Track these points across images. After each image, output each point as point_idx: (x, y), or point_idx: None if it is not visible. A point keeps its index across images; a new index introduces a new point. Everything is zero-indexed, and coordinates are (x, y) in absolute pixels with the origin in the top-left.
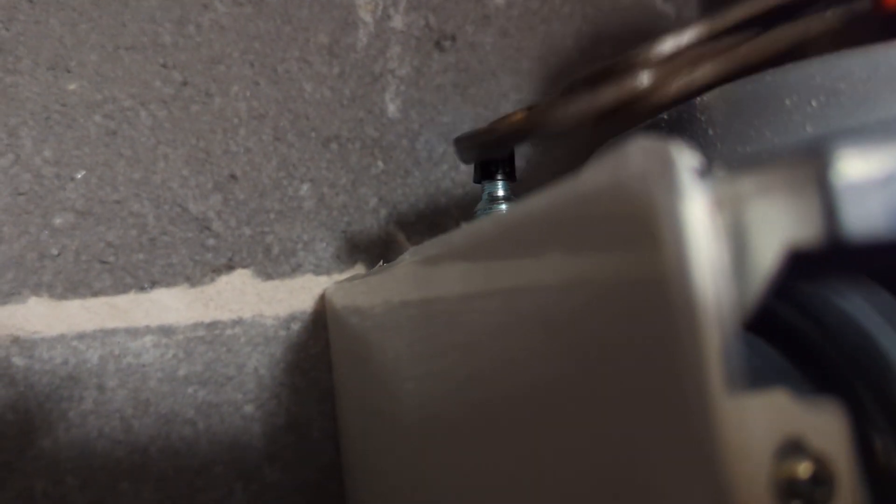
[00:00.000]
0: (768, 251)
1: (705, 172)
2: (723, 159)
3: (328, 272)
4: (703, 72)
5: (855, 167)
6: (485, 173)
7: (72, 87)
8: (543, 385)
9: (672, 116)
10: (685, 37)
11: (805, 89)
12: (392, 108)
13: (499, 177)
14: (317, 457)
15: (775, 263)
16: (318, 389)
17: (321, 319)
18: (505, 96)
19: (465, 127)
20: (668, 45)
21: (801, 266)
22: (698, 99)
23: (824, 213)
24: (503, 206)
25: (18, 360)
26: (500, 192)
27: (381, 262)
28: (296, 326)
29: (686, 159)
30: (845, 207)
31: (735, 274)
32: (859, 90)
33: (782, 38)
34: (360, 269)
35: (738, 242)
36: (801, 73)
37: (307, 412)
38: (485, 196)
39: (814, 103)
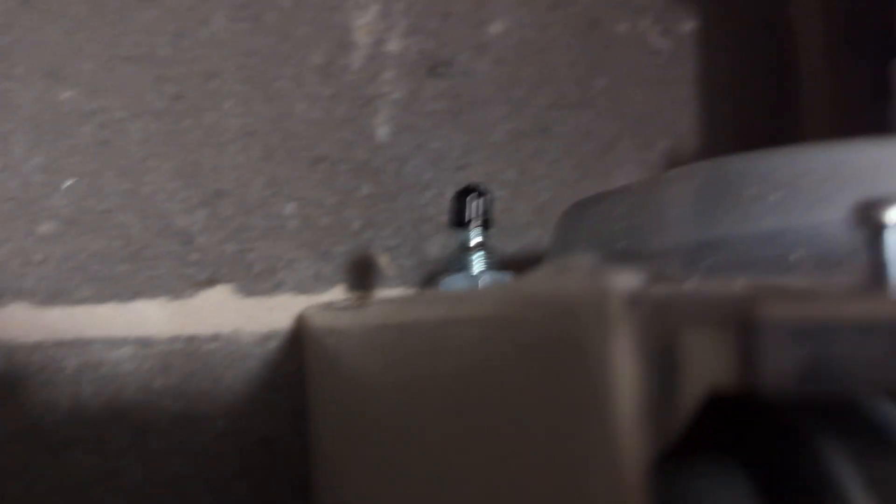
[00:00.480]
0: (693, 389)
1: (640, 297)
2: (677, 243)
3: (308, 292)
4: None
5: (780, 316)
6: (457, 219)
7: (65, 95)
8: (483, 438)
9: (640, 188)
10: None
11: (767, 181)
12: (382, 132)
13: (473, 224)
14: (287, 474)
15: (697, 403)
16: (291, 408)
17: (298, 339)
18: (496, 124)
19: (455, 154)
20: None
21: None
22: (665, 174)
23: (743, 359)
24: (476, 258)
25: None
26: (472, 242)
27: (359, 294)
28: (272, 344)
29: (621, 285)
30: (764, 356)
31: (658, 409)
32: (818, 187)
33: None
34: (340, 290)
35: (663, 377)
36: (766, 165)
37: (279, 429)
38: (458, 244)
39: (773, 196)
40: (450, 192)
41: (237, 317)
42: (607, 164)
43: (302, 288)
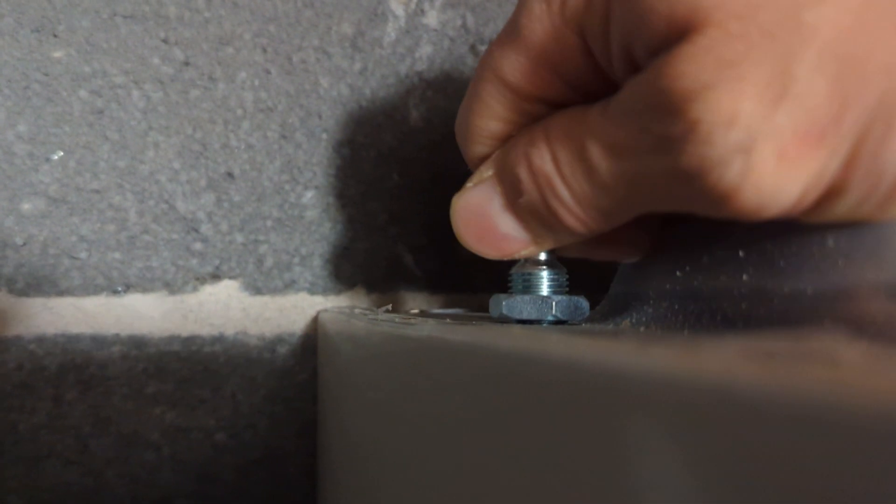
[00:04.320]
0: None
1: None
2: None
3: (324, 292)
4: None
5: None
6: None
7: (57, 54)
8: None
9: None
10: None
11: None
12: (415, 115)
13: None
14: (291, 496)
15: None
16: (299, 422)
17: (311, 344)
18: None
19: None
20: None
21: None
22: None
23: None
24: (544, 275)
25: None
26: (543, 255)
27: (388, 307)
28: (282, 349)
29: None
30: None
31: None
32: None
33: None
34: (359, 291)
35: None
36: None
37: (285, 446)
38: (521, 259)
39: None
40: None
41: (243, 317)
42: None
43: (318, 287)
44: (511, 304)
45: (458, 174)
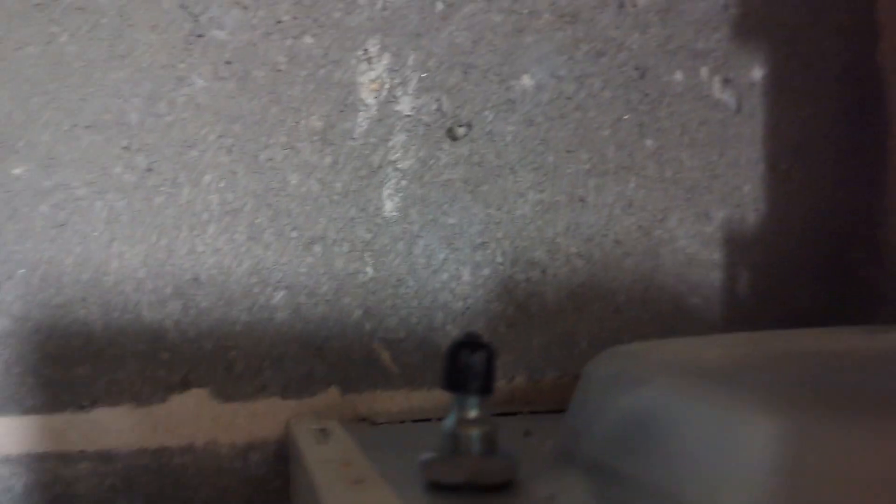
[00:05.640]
0: None
1: None
2: None
3: (298, 395)
4: None
5: None
6: (453, 382)
7: (17, 171)
8: None
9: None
10: None
11: None
12: (389, 206)
13: (471, 389)
14: None
15: None
16: None
17: (284, 450)
18: (523, 195)
19: (473, 231)
20: None
21: None
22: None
23: None
24: (475, 434)
25: None
26: (473, 413)
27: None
28: (254, 457)
29: None
30: None
31: None
32: None
33: None
34: (334, 393)
35: None
36: None
37: None
38: (452, 412)
39: None
40: (467, 275)
41: (213, 426)
42: (655, 239)
43: (290, 390)
44: (433, 466)
45: (434, 263)
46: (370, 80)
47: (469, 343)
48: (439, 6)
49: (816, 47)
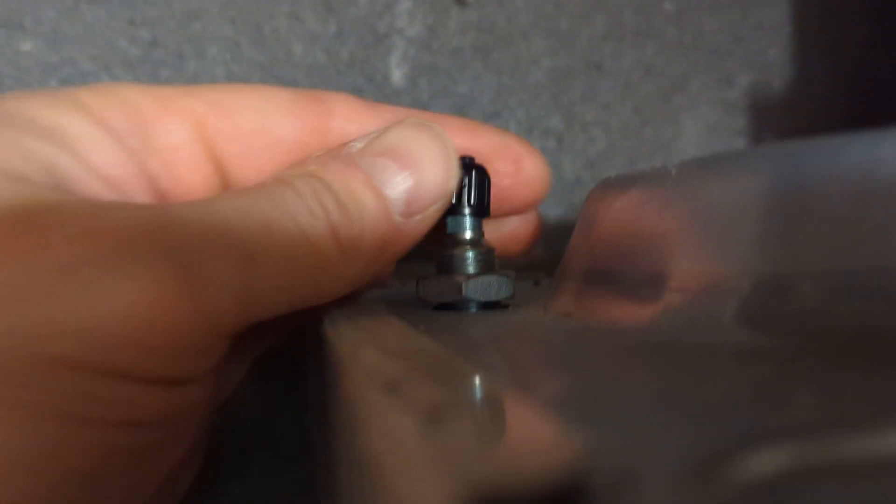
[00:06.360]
0: None
1: None
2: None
3: None
4: None
5: None
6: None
7: (26, 47)
8: None
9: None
10: None
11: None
12: (398, 75)
13: (464, 209)
14: None
15: None
16: None
17: None
18: (536, 62)
19: (485, 99)
20: None
21: None
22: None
23: None
24: (469, 255)
25: None
26: (468, 234)
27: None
28: None
29: None
30: None
31: None
32: None
33: None
34: None
35: None
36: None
37: None
38: (447, 237)
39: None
40: None
41: None
42: (675, 106)
43: None
44: (427, 287)
45: None
46: None
47: (463, 164)
48: None
49: None
